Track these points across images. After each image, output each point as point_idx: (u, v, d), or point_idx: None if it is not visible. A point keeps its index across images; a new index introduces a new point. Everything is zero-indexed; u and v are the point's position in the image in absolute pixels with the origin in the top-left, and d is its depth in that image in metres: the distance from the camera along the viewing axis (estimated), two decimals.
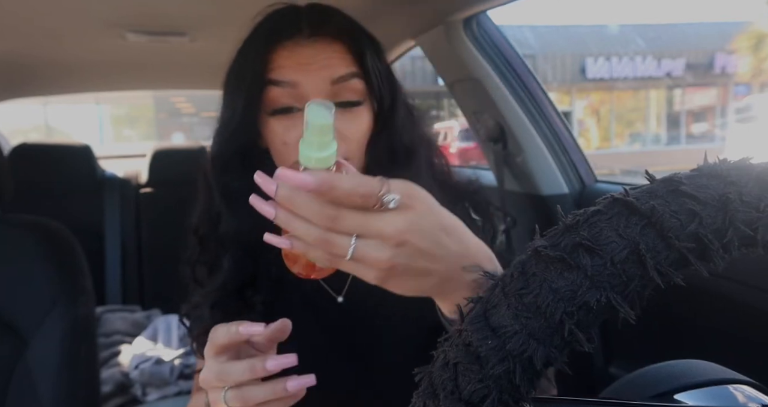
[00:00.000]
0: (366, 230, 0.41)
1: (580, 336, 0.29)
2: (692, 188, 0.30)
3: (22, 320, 0.87)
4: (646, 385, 0.43)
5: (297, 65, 0.66)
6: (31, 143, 2.12)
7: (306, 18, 0.68)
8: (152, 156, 2.25)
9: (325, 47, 0.67)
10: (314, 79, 0.65)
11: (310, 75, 0.65)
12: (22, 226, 0.93)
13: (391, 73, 0.73)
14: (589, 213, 0.31)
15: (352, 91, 0.67)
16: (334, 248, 0.42)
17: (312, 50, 0.66)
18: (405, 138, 0.72)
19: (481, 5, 1.19)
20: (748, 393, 0.41)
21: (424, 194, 0.44)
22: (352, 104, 0.67)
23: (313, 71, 0.65)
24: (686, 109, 16.13)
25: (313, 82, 0.65)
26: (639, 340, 1.22)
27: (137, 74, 2.05)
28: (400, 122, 0.71)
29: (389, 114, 0.71)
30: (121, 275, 2.13)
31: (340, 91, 0.66)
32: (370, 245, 0.41)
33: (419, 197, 0.43)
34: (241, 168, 0.71)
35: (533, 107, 1.37)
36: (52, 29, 1.35)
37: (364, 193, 0.41)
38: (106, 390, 1.49)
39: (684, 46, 14.75)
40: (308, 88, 0.66)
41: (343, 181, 0.41)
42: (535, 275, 0.30)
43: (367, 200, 0.41)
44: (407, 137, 0.72)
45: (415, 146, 0.73)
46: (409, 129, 0.73)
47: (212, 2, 1.18)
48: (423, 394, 0.34)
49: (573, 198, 1.39)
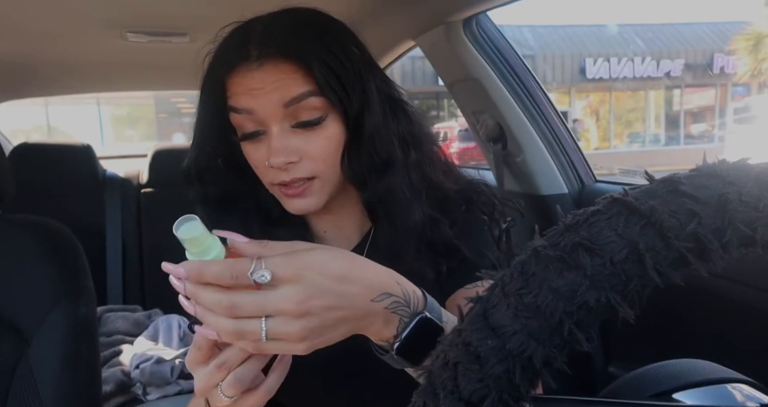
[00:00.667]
0: (267, 311, 0.43)
1: (580, 336, 0.29)
2: (691, 188, 0.30)
3: (23, 319, 0.87)
4: (646, 384, 0.43)
5: (248, 92, 0.65)
6: (32, 143, 2.12)
7: (255, 40, 0.65)
8: (153, 156, 2.25)
9: (273, 70, 0.64)
10: (266, 104, 0.64)
11: (261, 100, 0.64)
12: (23, 226, 0.93)
13: (361, 75, 0.68)
14: (588, 213, 0.31)
15: (309, 109, 0.65)
16: (248, 334, 0.44)
17: (261, 74, 0.64)
18: (380, 144, 0.69)
19: (481, 5, 1.19)
20: (746, 392, 0.41)
21: (307, 255, 0.46)
22: (311, 123, 0.65)
23: (263, 96, 0.64)
24: (685, 109, 16.12)
25: (265, 107, 0.64)
26: (638, 340, 1.22)
27: (138, 75, 2.05)
28: (374, 126, 0.68)
29: (359, 121, 0.68)
30: (122, 275, 2.13)
31: (296, 112, 0.65)
32: (280, 323, 0.44)
33: (303, 261, 0.45)
34: (219, 180, 0.74)
35: (533, 107, 1.37)
36: (53, 30, 1.35)
37: (232, 275, 0.44)
38: (107, 390, 1.49)
39: (683, 46, 14.75)
40: (263, 113, 0.65)
41: (210, 266, 0.44)
42: (535, 275, 0.31)
43: (238, 281, 0.43)
44: (383, 141, 0.69)
45: (392, 153, 0.70)
46: (387, 133, 0.70)
47: (212, 2, 1.18)
48: (423, 394, 0.34)
49: (572, 198, 1.39)
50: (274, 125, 0.65)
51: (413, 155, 0.73)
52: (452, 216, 0.75)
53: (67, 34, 1.39)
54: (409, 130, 0.74)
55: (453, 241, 0.72)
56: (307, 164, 0.66)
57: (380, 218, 0.71)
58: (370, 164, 0.69)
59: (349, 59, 0.67)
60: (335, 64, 0.66)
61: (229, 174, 0.74)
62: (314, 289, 0.44)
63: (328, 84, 0.65)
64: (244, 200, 0.75)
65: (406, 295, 0.49)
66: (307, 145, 0.66)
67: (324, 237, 0.79)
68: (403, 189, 0.70)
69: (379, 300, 0.47)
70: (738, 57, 13.68)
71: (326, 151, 0.67)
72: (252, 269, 0.43)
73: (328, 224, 0.78)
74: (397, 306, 0.49)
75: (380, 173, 0.69)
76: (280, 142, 0.65)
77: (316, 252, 0.47)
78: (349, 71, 0.67)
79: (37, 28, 1.32)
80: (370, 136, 0.68)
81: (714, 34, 15.03)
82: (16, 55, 1.53)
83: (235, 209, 0.74)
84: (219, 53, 0.69)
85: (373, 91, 0.69)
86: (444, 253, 0.72)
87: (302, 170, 0.66)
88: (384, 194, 0.69)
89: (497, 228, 0.79)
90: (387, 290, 0.48)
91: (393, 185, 0.69)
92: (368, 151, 0.68)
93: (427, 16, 1.29)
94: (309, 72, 0.64)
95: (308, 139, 0.66)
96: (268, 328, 0.43)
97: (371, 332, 0.49)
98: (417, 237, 0.70)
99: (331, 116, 0.67)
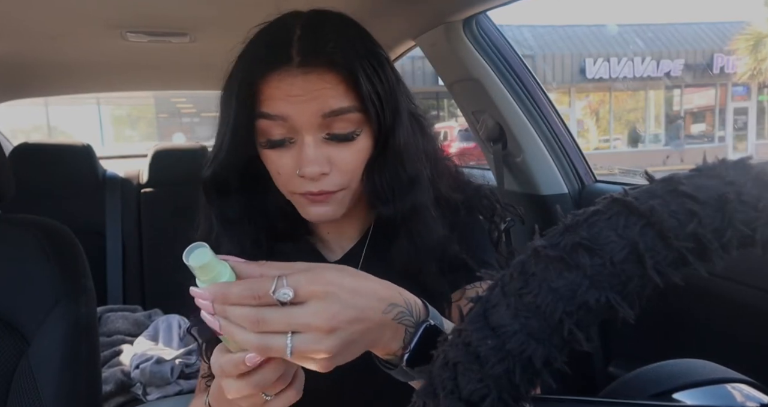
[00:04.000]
0: (294, 326, 0.44)
1: (580, 336, 0.30)
2: (691, 188, 0.30)
3: (23, 319, 0.87)
4: (645, 384, 0.43)
5: (287, 98, 0.62)
6: (33, 143, 2.12)
7: (298, 45, 0.63)
8: (153, 156, 2.25)
9: (316, 79, 0.62)
10: (304, 112, 0.62)
11: (300, 108, 0.62)
12: (23, 225, 0.93)
13: (394, 90, 0.67)
14: (588, 213, 0.31)
15: (346, 122, 0.63)
16: (272, 350, 0.44)
17: (303, 81, 0.61)
18: (409, 161, 0.68)
19: (481, 5, 1.19)
20: (746, 392, 0.41)
21: (324, 271, 0.47)
22: (346, 137, 0.64)
23: (303, 104, 0.62)
24: (685, 109, 16.13)
25: (303, 116, 0.62)
26: (638, 340, 1.22)
27: (138, 75, 2.05)
28: (405, 143, 0.67)
29: (389, 136, 0.67)
30: (122, 275, 2.13)
31: (332, 123, 0.63)
32: (308, 339, 0.44)
33: (324, 278, 0.46)
34: (237, 192, 0.71)
35: (533, 107, 1.37)
36: (54, 30, 1.35)
37: (254, 295, 0.44)
38: (108, 390, 1.49)
39: (683, 46, 14.75)
40: (299, 121, 0.62)
41: (232, 288, 0.45)
42: (535, 274, 0.31)
43: (262, 300, 0.44)
44: (411, 158, 0.68)
45: (420, 170, 0.69)
46: (414, 150, 0.69)
47: (212, 3, 1.18)
48: (423, 394, 0.34)
49: (572, 198, 1.39)
50: (308, 134, 0.63)
51: (429, 171, 0.72)
52: (452, 220, 0.74)
53: (67, 34, 1.39)
54: (428, 146, 0.74)
55: (460, 256, 0.71)
56: (336, 176, 0.65)
57: (399, 234, 0.69)
58: (395, 179, 0.67)
59: (385, 73, 0.66)
60: (375, 78, 0.64)
61: (244, 185, 0.71)
62: (339, 304, 0.45)
63: (371, 99, 0.63)
64: (255, 214, 0.73)
65: (408, 305, 0.50)
66: (339, 156, 0.64)
67: (327, 239, 0.78)
68: (428, 207, 0.69)
69: (388, 311, 0.48)
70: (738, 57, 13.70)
71: (355, 164, 0.66)
72: (274, 288, 0.44)
73: (331, 227, 0.77)
74: (403, 316, 0.49)
75: (406, 189, 0.67)
76: (314, 152, 0.63)
77: (329, 269, 0.48)
78: (385, 85, 0.65)
79: (37, 28, 1.32)
80: (398, 152, 0.67)
81: (714, 34, 15.03)
82: (16, 55, 1.53)
83: (248, 223, 0.72)
84: (252, 53, 0.65)
85: (404, 106, 0.68)
86: (450, 268, 0.70)
87: (331, 184, 0.65)
88: (408, 211, 0.68)
89: (496, 231, 0.78)
90: (392, 301, 0.48)
91: (418, 203, 0.68)
92: (394, 167, 0.67)
93: (427, 16, 1.29)
94: (353, 85, 0.63)
95: (340, 151, 0.64)
96: (296, 345, 0.44)
97: (380, 346, 0.49)
98: (436, 255, 0.69)
99: (364, 130, 0.65)
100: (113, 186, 2.22)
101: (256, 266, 0.48)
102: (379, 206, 0.69)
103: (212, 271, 0.47)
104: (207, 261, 0.46)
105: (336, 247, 0.78)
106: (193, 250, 0.47)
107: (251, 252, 0.70)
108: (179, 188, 1.69)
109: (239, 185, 0.71)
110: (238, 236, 0.70)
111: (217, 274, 0.47)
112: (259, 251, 0.72)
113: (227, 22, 0.68)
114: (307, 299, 0.44)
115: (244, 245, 0.70)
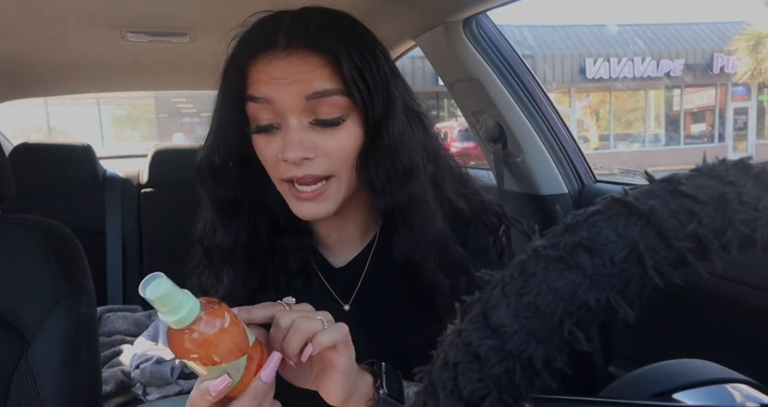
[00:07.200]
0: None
1: (580, 336, 0.29)
2: (691, 188, 0.30)
3: (23, 319, 0.87)
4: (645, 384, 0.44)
5: (271, 80, 0.63)
6: (33, 143, 2.12)
7: (285, 31, 0.64)
8: (153, 156, 2.25)
9: (300, 61, 0.63)
10: (287, 95, 0.63)
11: (282, 90, 0.63)
12: (23, 225, 0.93)
13: (387, 81, 0.67)
14: (588, 213, 0.31)
15: (331, 106, 0.64)
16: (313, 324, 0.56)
17: (287, 64, 0.63)
18: (404, 152, 0.67)
19: (481, 5, 1.19)
20: (746, 392, 0.41)
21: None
22: (330, 122, 0.64)
23: (286, 86, 0.62)
24: (685, 109, 16.12)
25: (286, 98, 0.63)
26: (638, 340, 1.22)
27: (138, 75, 2.05)
28: (398, 133, 0.67)
29: (381, 126, 0.66)
30: (122, 275, 2.13)
31: (317, 108, 0.63)
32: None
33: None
34: (233, 180, 0.71)
35: (532, 107, 1.37)
36: (54, 30, 1.35)
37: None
38: (108, 390, 1.49)
39: (683, 46, 14.75)
40: (283, 104, 0.63)
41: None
42: (535, 275, 0.31)
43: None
44: (406, 149, 0.68)
45: (416, 161, 0.68)
46: (410, 141, 0.69)
47: (212, 2, 1.19)
48: (423, 394, 0.34)
49: (572, 198, 1.39)
50: (292, 118, 0.63)
51: (430, 168, 0.72)
52: (462, 236, 0.74)
53: (67, 34, 1.39)
54: (429, 143, 0.73)
55: (463, 260, 0.71)
56: (322, 161, 0.65)
57: (398, 226, 0.69)
58: (391, 171, 0.67)
59: (376, 62, 0.66)
60: (363, 64, 0.64)
61: (240, 173, 0.71)
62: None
63: (355, 83, 0.63)
64: (253, 204, 0.73)
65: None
66: (324, 142, 0.64)
67: (327, 241, 0.77)
68: (425, 198, 0.69)
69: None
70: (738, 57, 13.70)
71: (344, 151, 0.66)
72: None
73: (332, 228, 0.77)
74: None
75: (402, 181, 0.67)
76: (297, 135, 0.63)
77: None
78: (375, 74, 0.65)
79: (37, 28, 1.32)
80: (392, 142, 0.66)
81: (714, 34, 15.03)
82: (16, 55, 1.53)
83: (245, 213, 0.72)
84: (244, 39, 0.67)
85: (398, 98, 0.68)
86: (452, 270, 0.70)
87: (317, 168, 0.65)
88: (405, 202, 0.68)
89: (500, 247, 0.78)
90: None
91: (415, 194, 0.68)
92: (389, 158, 0.67)
93: (427, 16, 1.29)
94: (336, 68, 0.63)
95: (326, 137, 0.64)
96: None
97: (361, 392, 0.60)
98: (436, 248, 0.69)
99: (351, 117, 0.65)
100: (113, 186, 2.22)
101: (245, 311, 0.58)
102: (376, 198, 0.69)
103: (172, 302, 0.45)
104: (165, 292, 0.44)
105: (340, 252, 0.78)
106: (150, 281, 0.44)
107: (247, 243, 0.71)
108: (179, 188, 1.69)
109: (237, 173, 0.71)
110: (233, 225, 0.71)
111: (177, 306, 0.45)
112: (258, 241, 0.72)
113: (227, 22, 0.68)
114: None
115: (238, 235, 0.70)
